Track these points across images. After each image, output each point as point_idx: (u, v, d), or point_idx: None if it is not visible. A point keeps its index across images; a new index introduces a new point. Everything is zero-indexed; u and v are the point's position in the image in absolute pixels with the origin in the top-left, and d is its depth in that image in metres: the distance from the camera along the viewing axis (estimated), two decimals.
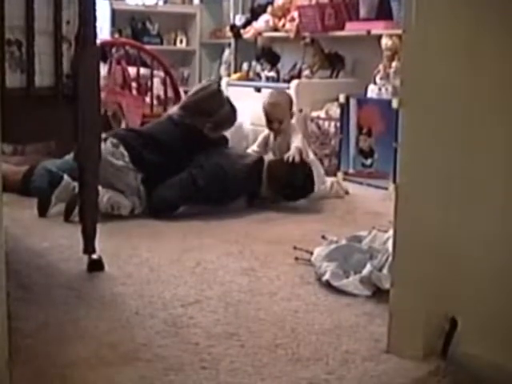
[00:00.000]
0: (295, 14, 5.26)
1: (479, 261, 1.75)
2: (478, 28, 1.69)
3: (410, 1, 1.75)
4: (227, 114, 3.78)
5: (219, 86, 4.09)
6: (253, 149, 4.13)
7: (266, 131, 4.22)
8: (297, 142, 3.95)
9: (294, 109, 4.29)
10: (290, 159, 3.69)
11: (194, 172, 3.45)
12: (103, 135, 3.15)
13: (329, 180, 4.05)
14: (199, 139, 3.64)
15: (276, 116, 4.08)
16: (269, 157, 3.90)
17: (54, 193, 3.30)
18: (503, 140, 1.71)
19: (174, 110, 3.88)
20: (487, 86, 1.71)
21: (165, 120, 3.80)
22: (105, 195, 3.22)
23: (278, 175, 3.64)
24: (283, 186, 3.64)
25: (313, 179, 3.72)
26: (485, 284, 1.74)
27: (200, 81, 6.90)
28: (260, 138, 4.23)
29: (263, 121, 4.15)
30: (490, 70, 1.71)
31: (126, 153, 3.40)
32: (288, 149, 3.95)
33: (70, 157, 3.57)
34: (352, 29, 4.86)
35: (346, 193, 4.05)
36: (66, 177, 3.35)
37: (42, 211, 3.27)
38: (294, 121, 4.22)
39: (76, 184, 3.29)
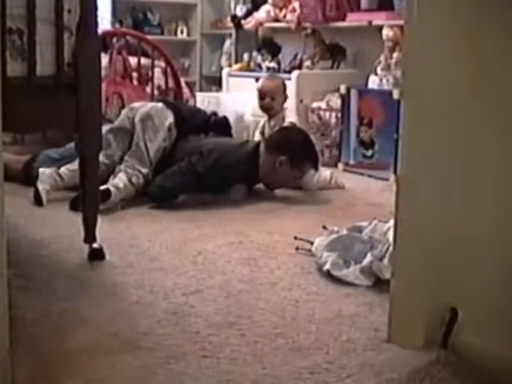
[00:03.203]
0: (296, 4, 5.24)
1: (480, 251, 1.76)
2: (480, 18, 1.69)
3: None
4: None
5: None
6: None
7: (261, 123, 4.28)
8: (291, 119, 4.15)
9: (289, 94, 4.38)
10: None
11: (193, 159, 3.41)
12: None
13: (327, 172, 3.98)
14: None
15: (268, 89, 4.21)
16: None
17: (38, 184, 3.28)
18: (503, 130, 1.71)
19: None
20: (489, 76, 1.71)
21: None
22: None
23: (274, 137, 3.70)
24: (280, 145, 3.54)
25: (313, 146, 3.67)
26: (486, 274, 1.75)
27: (201, 71, 6.92)
28: (257, 132, 4.30)
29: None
30: (491, 60, 1.70)
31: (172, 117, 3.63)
32: None
33: (71, 145, 3.57)
34: (353, 19, 4.86)
35: (343, 187, 3.92)
36: (41, 170, 3.36)
37: (37, 201, 3.25)
38: (286, 105, 4.31)
39: (55, 168, 3.37)
